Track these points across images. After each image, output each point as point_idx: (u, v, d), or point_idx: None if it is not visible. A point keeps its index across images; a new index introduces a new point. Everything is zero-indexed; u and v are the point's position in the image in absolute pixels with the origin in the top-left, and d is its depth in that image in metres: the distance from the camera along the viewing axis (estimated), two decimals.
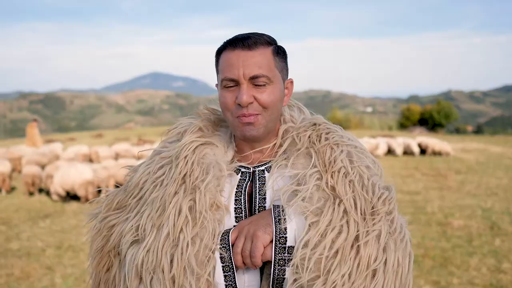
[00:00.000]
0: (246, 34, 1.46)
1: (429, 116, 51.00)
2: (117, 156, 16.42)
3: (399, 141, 22.22)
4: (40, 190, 11.84)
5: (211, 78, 1.59)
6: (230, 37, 1.48)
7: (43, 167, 12.81)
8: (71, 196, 10.32)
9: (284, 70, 1.53)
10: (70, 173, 9.96)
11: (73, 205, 10.06)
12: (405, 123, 52.60)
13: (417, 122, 51.43)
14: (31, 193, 11.55)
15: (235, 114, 1.44)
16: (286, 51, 1.55)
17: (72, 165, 10.90)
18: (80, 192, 9.82)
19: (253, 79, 1.41)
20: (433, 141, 22.04)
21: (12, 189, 12.33)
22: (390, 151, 21.42)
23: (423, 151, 21.71)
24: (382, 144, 21.06)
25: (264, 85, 1.42)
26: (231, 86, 1.43)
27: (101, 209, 1.58)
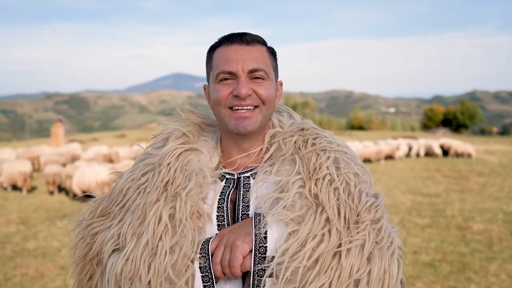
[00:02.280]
0: (241, 32, 1.45)
1: (453, 117, 50.18)
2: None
3: (421, 143, 21.90)
4: (61, 189, 12.01)
5: None
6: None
7: (63, 166, 13.01)
8: (89, 196, 10.39)
9: (277, 70, 1.52)
10: (87, 173, 10.07)
11: None
12: (428, 124, 51.90)
13: (440, 123, 50.66)
14: (51, 192, 11.72)
15: (229, 105, 1.40)
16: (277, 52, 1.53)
17: (89, 165, 11.02)
18: (97, 193, 9.90)
19: (251, 73, 1.39)
20: (456, 143, 21.64)
21: (32, 189, 12.53)
22: (411, 153, 21.12)
23: (446, 152, 21.34)
24: (403, 145, 20.78)
25: (263, 78, 1.41)
26: (226, 79, 1.40)
27: (86, 216, 1.55)
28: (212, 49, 1.47)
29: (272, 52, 1.49)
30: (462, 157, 20.70)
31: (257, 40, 1.44)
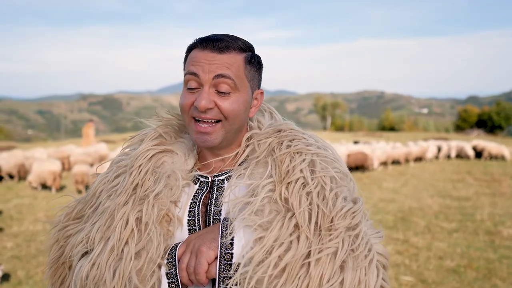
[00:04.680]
0: (220, 35, 1.33)
1: (488, 118, 48.83)
2: None
3: (452, 144, 21.37)
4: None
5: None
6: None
7: (90, 166, 13.24)
8: None
9: (255, 80, 1.39)
10: None
11: None
12: (462, 125, 50.68)
13: (474, 124, 49.38)
14: (79, 192, 11.93)
15: (191, 114, 1.32)
16: (262, 61, 1.42)
17: None
18: None
19: (217, 78, 1.28)
20: (490, 144, 21.02)
21: (61, 188, 12.78)
22: (440, 154, 20.62)
23: (479, 154, 20.73)
24: (432, 147, 20.32)
25: (228, 93, 1.30)
26: (193, 89, 1.31)
27: (61, 218, 1.52)
28: (189, 50, 1.38)
29: (250, 61, 1.35)
30: (496, 160, 20.09)
31: (233, 48, 1.31)
